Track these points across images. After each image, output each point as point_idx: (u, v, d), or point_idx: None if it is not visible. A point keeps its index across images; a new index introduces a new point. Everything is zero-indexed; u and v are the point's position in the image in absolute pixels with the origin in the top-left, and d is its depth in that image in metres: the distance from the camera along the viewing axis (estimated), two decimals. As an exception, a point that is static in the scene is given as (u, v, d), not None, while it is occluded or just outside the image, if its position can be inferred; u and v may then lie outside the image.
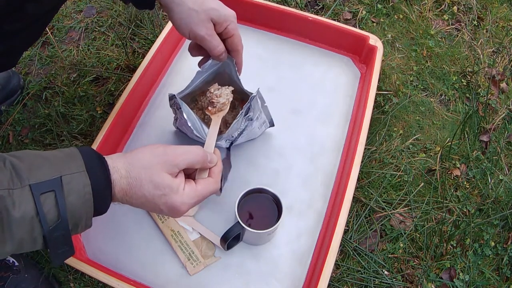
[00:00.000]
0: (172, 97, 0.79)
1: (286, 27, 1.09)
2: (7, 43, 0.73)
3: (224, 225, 0.81)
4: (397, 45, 1.20)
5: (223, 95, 0.77)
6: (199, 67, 0.80)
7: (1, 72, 0.81)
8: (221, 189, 0.82)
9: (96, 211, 0.53)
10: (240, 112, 0.78)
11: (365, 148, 0.93)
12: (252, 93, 0.78)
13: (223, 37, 0.73)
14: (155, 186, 0.56)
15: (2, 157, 0.48)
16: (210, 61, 0.78)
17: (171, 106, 0.83)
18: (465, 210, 0.96)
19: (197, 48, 0.78)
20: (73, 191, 0.50)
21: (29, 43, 0.83)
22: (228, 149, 0.83)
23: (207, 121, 0.84)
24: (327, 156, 0.94)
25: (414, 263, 0.90)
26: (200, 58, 0.81)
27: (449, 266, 0.89)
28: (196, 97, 0.88)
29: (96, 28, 1.20)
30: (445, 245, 0.91)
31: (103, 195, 0.53)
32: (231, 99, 0.77)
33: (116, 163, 0.55)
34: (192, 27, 0.70)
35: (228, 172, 0.86)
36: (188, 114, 0.77)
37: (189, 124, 0.77)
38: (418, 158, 1.02)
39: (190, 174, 0.63)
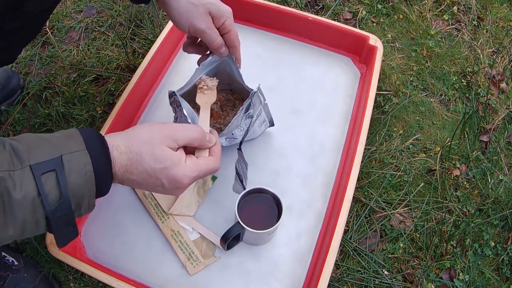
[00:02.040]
0: (172, 94, 0.79)
1: (286, 27, 1.09)
2: (6, 40, 0.73)
3: (224, 225, 0.81)
4: (397, 45, 1.20)
5: (213, 80, 0.79)
6: (198, 65, 0.81)
7: (1, 67, 0.81)
8: (245, 188, 0.84)
9: (98, 191, 0.52)
10: (241, 108, 0.78)
11: (365, 148, 0.93)
12: (252, 90, 0.79)
13: (220, 32, 0.74)
14: (156, 159, 0.55)
15: (1, 140, 0.48)
16: (209, 58, 0.79)
17: (171, 104, 0.83)
18: (465, 210, 0.96)
19: (193, 45, 0.79)
20: (74, 170, 0.49)
21: (28, 40, 0.83)
22: (239, 149, 0.84)
23: None
24: (327, 156, 0.94)
25: (414, 263, 0.90)
26: (195, 55, 0.81)
27: (449, 266, 0.89)
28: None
29: (96, 28, 1.20)
30: (445, 245, 0.91)
31: (104, 173, 0.52)
32: (216, 85, 0.80)
33: (115, 141, 0.55)
34: (192, 21, 0.71)
35: (247, 170, 0.87)
36: (188, 110, 0.78)
37: (189, 121, 0.77)
38: (418, 158, 1.02)
39: (189, 153, 0.62)
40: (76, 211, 0.51)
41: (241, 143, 0.85)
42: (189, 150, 0.61)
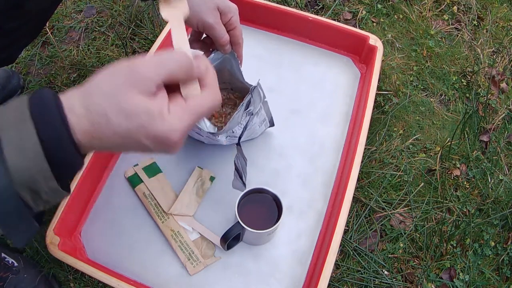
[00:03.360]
0: None
1: (286, 27, 1.09)
2: (7, 40, 0.73)
3: (224, 225, 0.81)
4: (397, 45, 1.20)
5: None
6: None
7: (1, 67, 0.81)
8: (244, 184, 0.81)
9: (58, 168, 0.39)
10: (241, 103, 0.78)
11: (365, 148, 0.93)
12: (252, 85, 0.79)
13: (227, 28, 0.75)
14: (127, 116, 0.39)
15: None
16: (212, 55, 0.79)
17: None
18: (465, 210, 0.96)
19: (197, 42, 0.80)
20: (13, 147, 0.37)
21: (29, 40, 0.83)
22: (238, 144, 0.84)
23: (208, 117, 0.85)
24: (327, 156, 0.94)
25: (414, 263, 0.90)
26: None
27: (449, 266, 0.89)
28: None
29: (96, 28, 1.20)
30: (445, 245, 0.91)
31: (59, 144, 0.39)
32: None
33: (71, 100, 0.40)
34: (201, 16, 0.71)
35: (246, 166, 0.85)
36: None
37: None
38: (418, 158, 1.02)
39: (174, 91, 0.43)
40: (36, 200, 0.39)
41: (240, 138, 0.84)
42: (174, 87, 0.43)
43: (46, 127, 0.38)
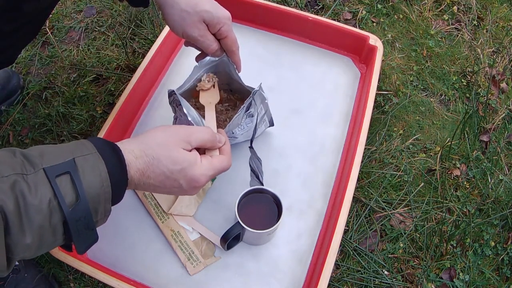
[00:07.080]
0: (171, 93, 0.79)
1: (286, 27, 1.09)
2: (6, 42, 0.73)
3: (224, 225, 0.81)
4: (397, 45, 1.20)
5: (210, 82, 0.82)
6: (197, 61, 0.81)
7: (1, 69, 0.81)
8: (262, 183, 0.86)
9: (113, 195, 0.51)
10: (242, 107, 0.78)
11: (365, 148, 0.93)
12: (253, 88, 0.79)
13: (217, 37, 0.74)
14: (174, 161, 0.56)
15: (12, 149, 0.48)
16: (208, 57, 0.79)
17: (170, 104, 0.83)
18: (465, 210, 0.96)
19: (192, 44, 0.80)
20: (88, 171, 0.49)
21: (28, 41, 0.83)
22: (251, 147, 0.85)
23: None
24: (327, 156, 0.94)
25: (414, 263, 0.90)
26: (195, 54, 0.81)
27: (449, 266, 0.89)
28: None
29: (96, 28, 1.20)
30: (445, 245, 0.91)
31: (118, 175, 0.52)
32: (215, 82, 0.82)
33: (128, 145, 0.55)
34: (185, 29, 0.71)
35: (261, 166, 0.89)
36: (188, 109, 0.78)
37: (189, 119, 0.77)
38: (418, 158, 1.02)
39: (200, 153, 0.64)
40: (93, 216, 0.50)
41: (251, 141, 0.85)
42: (200, 150, 0.63)
43: (110, 163, 0.50)
